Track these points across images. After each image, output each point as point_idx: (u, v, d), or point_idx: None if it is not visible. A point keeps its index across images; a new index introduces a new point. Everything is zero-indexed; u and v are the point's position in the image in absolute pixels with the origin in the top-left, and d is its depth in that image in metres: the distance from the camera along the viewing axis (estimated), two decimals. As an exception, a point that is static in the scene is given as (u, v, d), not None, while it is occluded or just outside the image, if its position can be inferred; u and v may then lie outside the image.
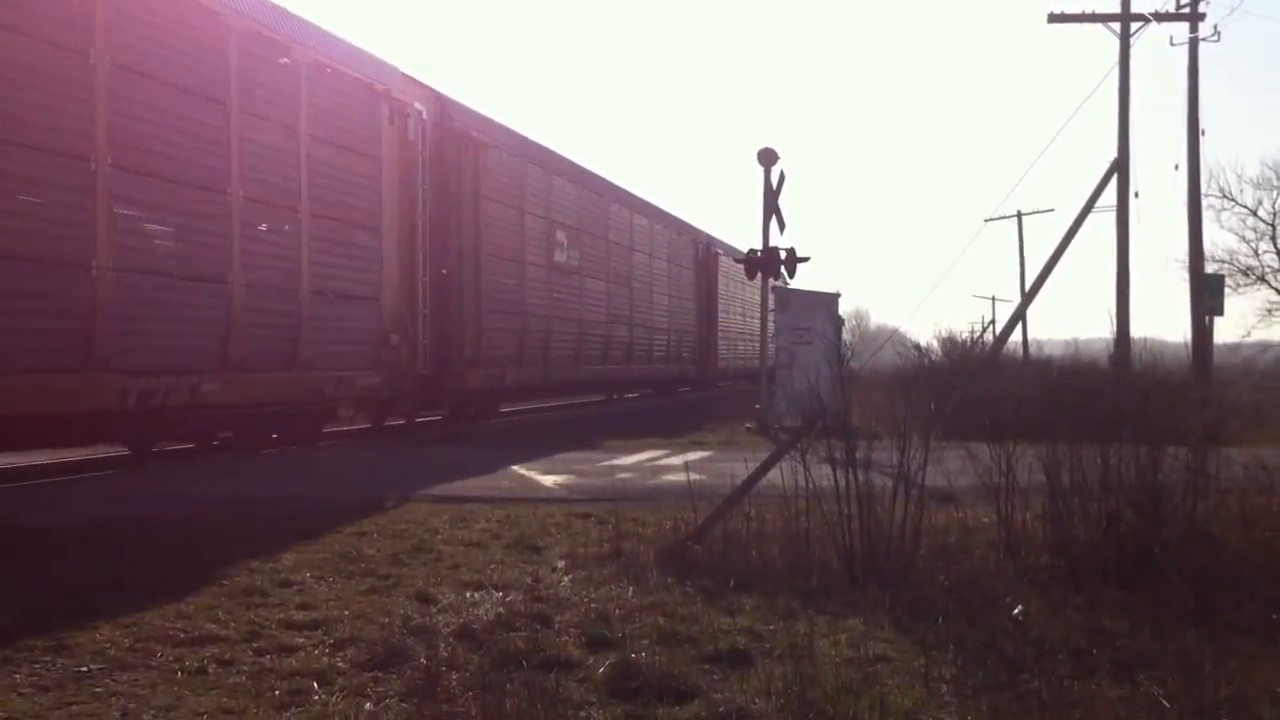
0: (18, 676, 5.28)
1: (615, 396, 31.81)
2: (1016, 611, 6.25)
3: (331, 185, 16.16)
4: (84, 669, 5.40)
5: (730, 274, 38.68)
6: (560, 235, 24.28)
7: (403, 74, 18.54)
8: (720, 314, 39.92)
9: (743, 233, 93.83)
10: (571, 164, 26.14)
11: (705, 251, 39.22)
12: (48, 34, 11.38)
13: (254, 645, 5.79)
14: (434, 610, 6.49)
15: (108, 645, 5.73)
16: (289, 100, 15.25)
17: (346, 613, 6.42)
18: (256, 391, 14.56)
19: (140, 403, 12.56)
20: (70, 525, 9.05)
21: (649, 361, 31.34)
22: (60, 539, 8.46)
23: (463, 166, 19.95)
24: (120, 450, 14.35)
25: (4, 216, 10.89)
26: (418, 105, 18.67)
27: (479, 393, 21.08)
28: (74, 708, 4.90)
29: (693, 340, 37.57)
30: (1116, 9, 29.13)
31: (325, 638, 5.94)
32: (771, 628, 6.19)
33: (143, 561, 7.67)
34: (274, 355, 14.87)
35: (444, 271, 19.33)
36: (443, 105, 19.78)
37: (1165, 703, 4.80)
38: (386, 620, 6.22)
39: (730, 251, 37.35)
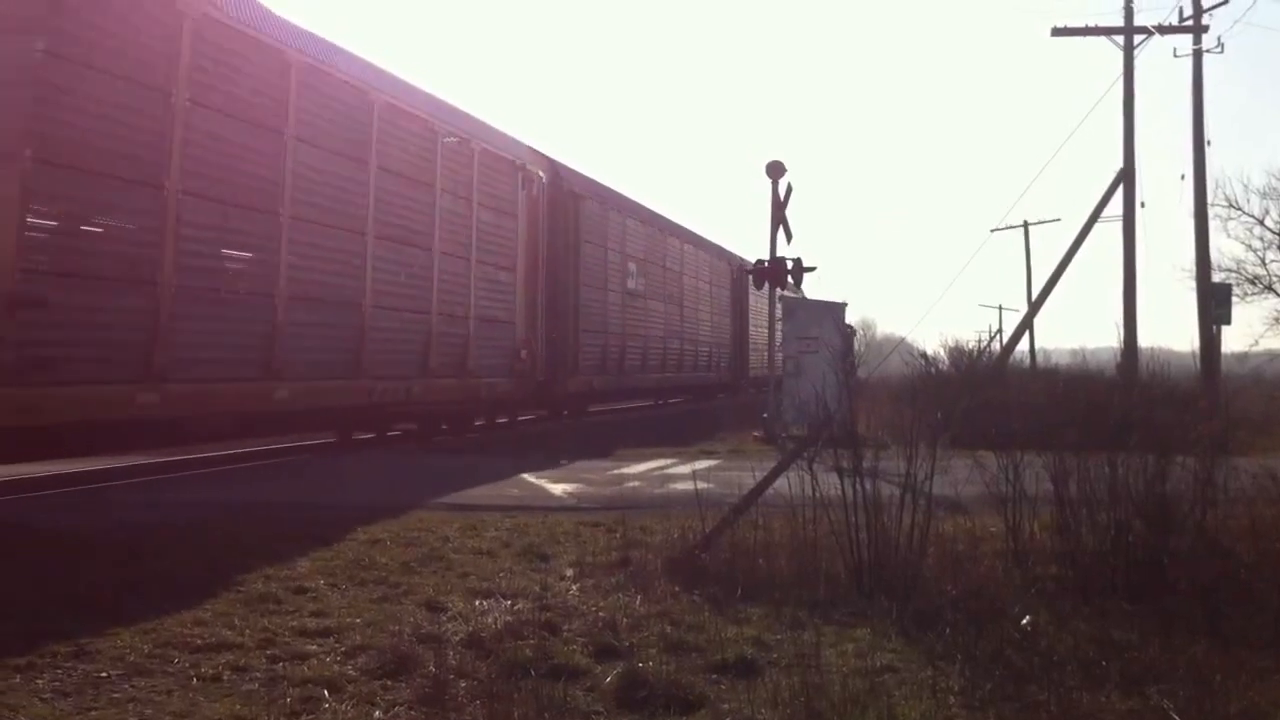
0: (39, 682, 5.34)
1: (662, 401, 35.47)
2: (1024, 622, 6.28)
3: (489, 238, 21.12)
4: (104, 674, 5.46)
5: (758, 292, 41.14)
6: (631, 265, 29.07)
7: (530, 148, 23.46)
8: (751, 328, 41.94)
9: (749, 240, 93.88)
10: (640, 206, 31.15)
11: (738, 272, 41.07)
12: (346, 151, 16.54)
13: (268, 652, 5.84)
14: (443, 618, 6.54)
15: (127, 651, 5.79)
16: (467, 179, 20.32)
17: (358, 620, 6.47)
18: (441, 393, 19.20)
19: (379, 399, 17.18)
20: (96, 531, 9.10)
21: (694, 370, 35.27)
22: (87, 544, 8.51)
23: (567, 216, 24.51)
24: (150, 458, 14.51)
25: (336, 289, 16.10)
26: (540, 172, 23.55)
27: (576, 396, 25.71)
28: (93, 713, 4.96)
29: (728, 351, 40.77)
30: (1120, 22, 29.17)
31: (337, 645, 5.99)
32: (779, 637, 6.21)
33: (164, 567, 7.72)
34: (452, 366, 19.62)
35: (555, 298, 23.99)
36: (554, 168, 24.42)
37: (1175, 716, 4.82)
38: (397, 628, 6.26)
39: (758, 271, 40.68)
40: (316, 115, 15.41)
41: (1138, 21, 29.23)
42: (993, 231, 54.11)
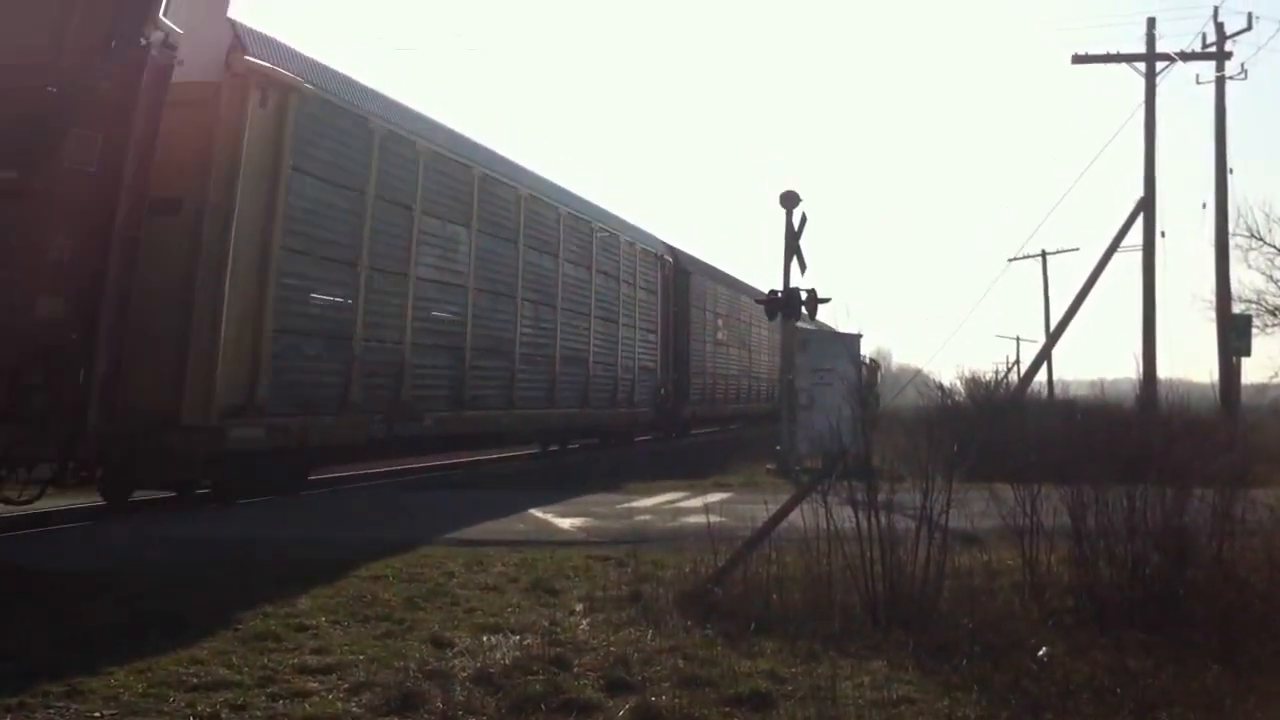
0: (31, 721, 5.23)
1: (735, 426, 41.18)
2: (1041, 653, 6.21)
3: (638, 309, 28.61)
4: (97, 714, 5.36)
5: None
6: (719, 321, 36.78)
7: (661, 240, 31.86)
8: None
9: (762, 270, 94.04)
10: (723, 272, 38.93)
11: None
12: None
13: (268, 690, 5.73)
14: (450, 654, 6.43)
15: (121, 690, 5.69)
16: (626, 268, 27.80)
17: (361, 657, 6.36)
18: (597, 420, 26.10)
19: (557, 423, 23.70)
20: (91, 568, 9.02)
21: (755, 400, 41.10)
22: (81, 582, 8.42)
23: (680, 287, 32.50)
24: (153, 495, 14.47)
25: (542, 348, 22.50)
26: (667, 256, 31.67)
27: (688, 420, 33.85)
28: (85, 755, 4.87)
29: (776, 383, 44.49)
30: (1141, 48, 28.91)
31: (340, 682, 5.89)
32: (793, 670, 6.11)
33: (160, 605, 7.60)
34: (608, 401, 26.47)
35: (675, 350, 31.81)
36: (674, 251, 32.67)
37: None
38: (402, 664, 6.15)
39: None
40: (500, 215, 20.55)
41: (1160, 48, 28.95)
42: (1010, 261, 53.98)
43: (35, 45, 10.69)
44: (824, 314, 23.26)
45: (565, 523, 12.54)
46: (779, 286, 22.02)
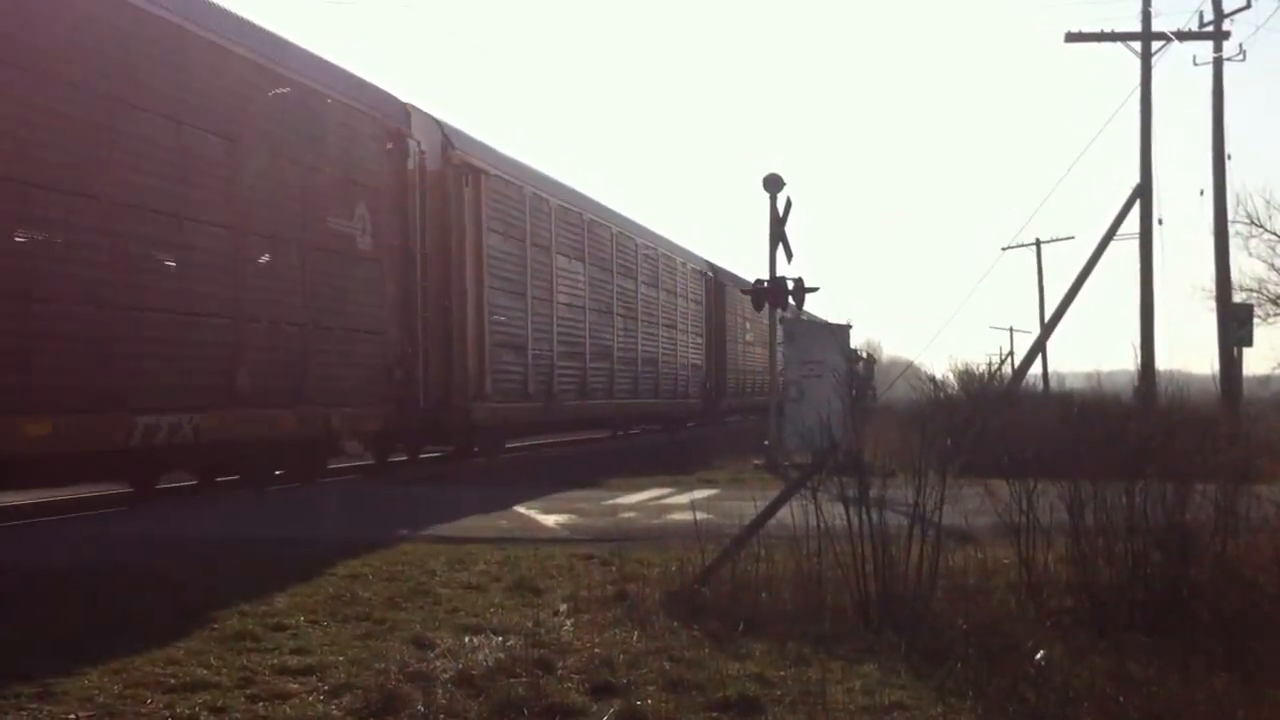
0: (2, 724, 5.08)
1: (748, 417, 44.14)
2: (1039, 656, 6.07)
3: (689, 318, 35.37)
4: (71, 716, 5.23)
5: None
6: (747, 324, 41.53)
7: (704, 259, 38.63)
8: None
9: (751, 261, 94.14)
10: (750, 282, 46.80)
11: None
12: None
13: (246, 692, 5.60)
14: (431, 655, 6.28)
15: (96, 692, 5.56)
16: (681, 285, 34.28)
17: (341, 658, 6.22)
18: (662, 409, 32.16)
19: (636, 411, 29.40)
20: (61, 567, 8.89)
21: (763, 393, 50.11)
22: (51, 582, 8.29)
23: (717, 299, 38.90)
24: (120, 489, 14.31)
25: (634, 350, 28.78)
26: (709, 272, 38.17)
27: (724, 410, 39.83)
28: (56, 759, 4.72)
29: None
30: (1137, 27, 28.50)
31: (320, 684, 5.75)
32: (782, 674, 5.97)
33: (134, 605, 7.46)
34: (671, 394, 32.84)
35: (717, 351, 38.56)
36: (714, 267, 39.39)
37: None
38: (382, 666, 6.01)
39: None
40: (600, 250, 26.75)
41: (1155, 27, 28.55)
42: (1004, 250, 53.95)
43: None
44: (813, 305, 23.20)
45: (549, 520, 12.40)
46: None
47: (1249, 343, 28.05)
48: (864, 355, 61.39)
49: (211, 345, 13.75)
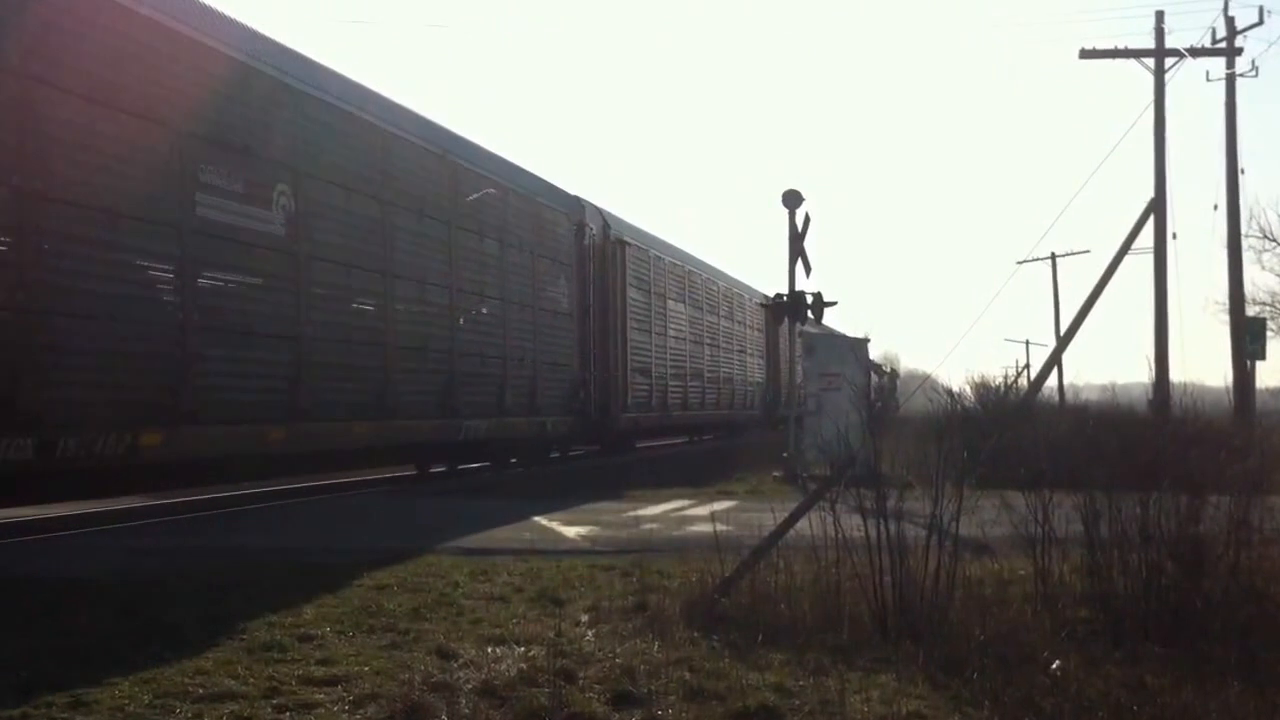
0: (35, 735, 5.17)
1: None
2: (1054, 667, 6.12)
3: (752, 341, 40.50)
4: (102, 727, 5.27)
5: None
6: (799, 342, 49.42)
7: (763, 293, 40.14)
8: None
9: (767, 275, 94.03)
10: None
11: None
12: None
13: (273, 702, 5.67)
14: (455, 666, 6.35)
15: (127, 701, 5.63)
16: (749, 315, 39.85)
17: (366, 669, 6.29)
18: (735, 419, 37.60)
19: (717, 420, 35.98)
20: (95, 577, 8.97)
21: None
22: (84, 591, 8.37)
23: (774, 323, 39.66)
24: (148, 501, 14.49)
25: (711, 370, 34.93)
26: (758, 301, 39.81)
27: (777, 419, 39.47)
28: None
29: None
30: (1150, 44, 28.70)
31: (345, 694, 5.82)
32: (801, 684, 6.02)
33: (165, 615, 7.56)
34: (741, 406, 38.36)
35: (773, 366, 42.74)
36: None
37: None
38: (407, 676, 6.08)
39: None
40: (696, 292, 33.33)
41: (1169, 44, 28.75)
42: (1019, 264, 53.76)
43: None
44: (831, 318, 23.33)
45: (571, 531, 12.47)
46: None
47: (1262, 356, 28.02)
48: (888, 369, 61.33)
49: (494, 378, 20.39)
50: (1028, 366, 52.24)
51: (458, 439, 19.05)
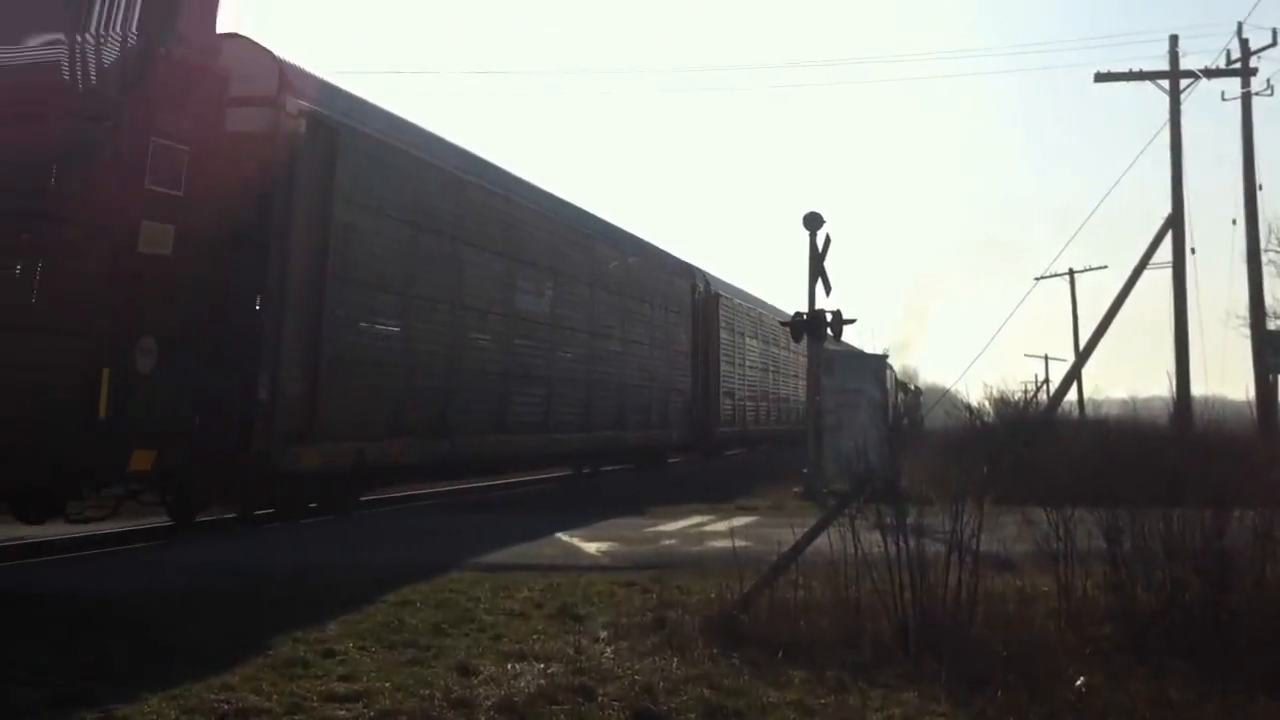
0: (65, 749, 5.21)
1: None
2: (1079, 683, 6.08)
3: (800, 366, 39.21)
4: (131, 742, 5.29)
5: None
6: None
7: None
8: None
9: (786, 293, 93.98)
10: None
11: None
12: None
13: (296, 718, 5.71)
14: (475, 682, 6.35)
15: (154, 717, 5.69)
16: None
17: (388, 684, 6.29)
18: (787, 432, 39.86)
19: (774, 433, 40.11)
20: (124, 593, 9.00)
21: None
22: (113, 607, 8.41)
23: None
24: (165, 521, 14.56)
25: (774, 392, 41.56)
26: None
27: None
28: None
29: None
30: (1165, 65, 28.85)
31: (366, 710, 5.83)
32: (823, 701, 6.00)
33: (191, 631, 7.59)
34: (789, 421, 41.05)
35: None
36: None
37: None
38: (427, 692, 6.09)
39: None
40: (765, 329, 38.43)
41: (1185, 64, 28.89)
42: (1037, 280, 53.44)
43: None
44: (849, 333, 23.29)
45: (591, 547, 12.44)
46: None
47: (1284, 369, 27.84)
48: (911, 386, 61.14)
49: (644, 403, 27.54)
50: (1046, 381, 51.94)
51: (623, 445, 26.70)
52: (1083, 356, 31.28)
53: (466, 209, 18.98)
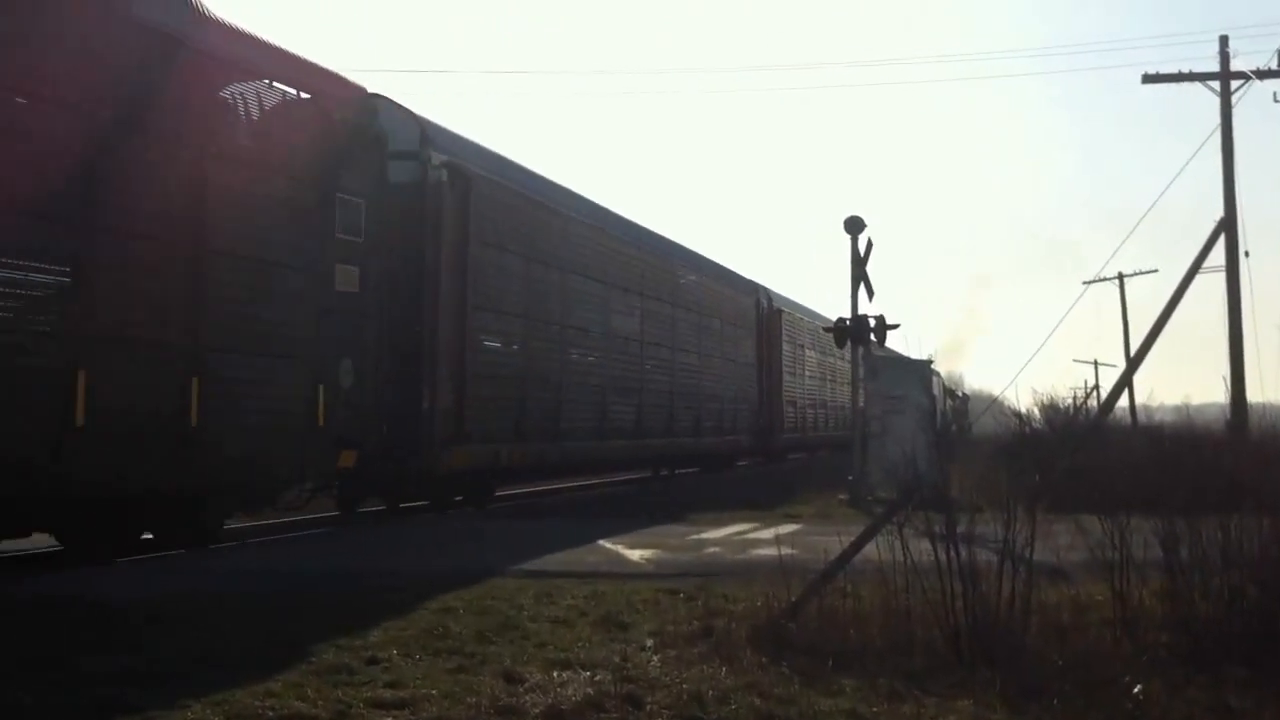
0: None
1: None
2: (1136, 691, 5.99)
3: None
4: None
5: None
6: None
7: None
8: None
9: (824, 297, 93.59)
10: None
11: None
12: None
13: (342, 725, 5.63)
14: (521, 690, 6.30)
15: (196, 723, 5.64)
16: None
17: (434, 691, 6.25)
18: (835, 438, 41.53)
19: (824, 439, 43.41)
20: (161, 599, 9.03)
21: None
22: (156, 613, 8.42)
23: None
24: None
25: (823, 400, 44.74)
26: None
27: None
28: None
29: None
30: (1215, 67, 28.53)
31: (413, 717, 5.81)
32: (876, 709, 5.91)
33: (233, 637, 7.60)
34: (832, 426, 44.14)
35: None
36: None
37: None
38: (474, 700, 6.05)
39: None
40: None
41: (1235, 66, 28.56)
42: (1086, 284, 52.94)
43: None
44: (892, 339, 23.09)
45: (634, 554, 12.39)
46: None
47: (1343, 372, 27.50)
48: (960, 393, 60.72)
49: (718, 411, 31.02)
50: (1096, 388, 51.46)
51: (701, 450, 30.21)
52: (1134, 362, 30.88)
53: (568, 241, 22.14)
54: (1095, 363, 66.22)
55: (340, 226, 14.87)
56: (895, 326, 21.58)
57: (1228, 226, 27.81)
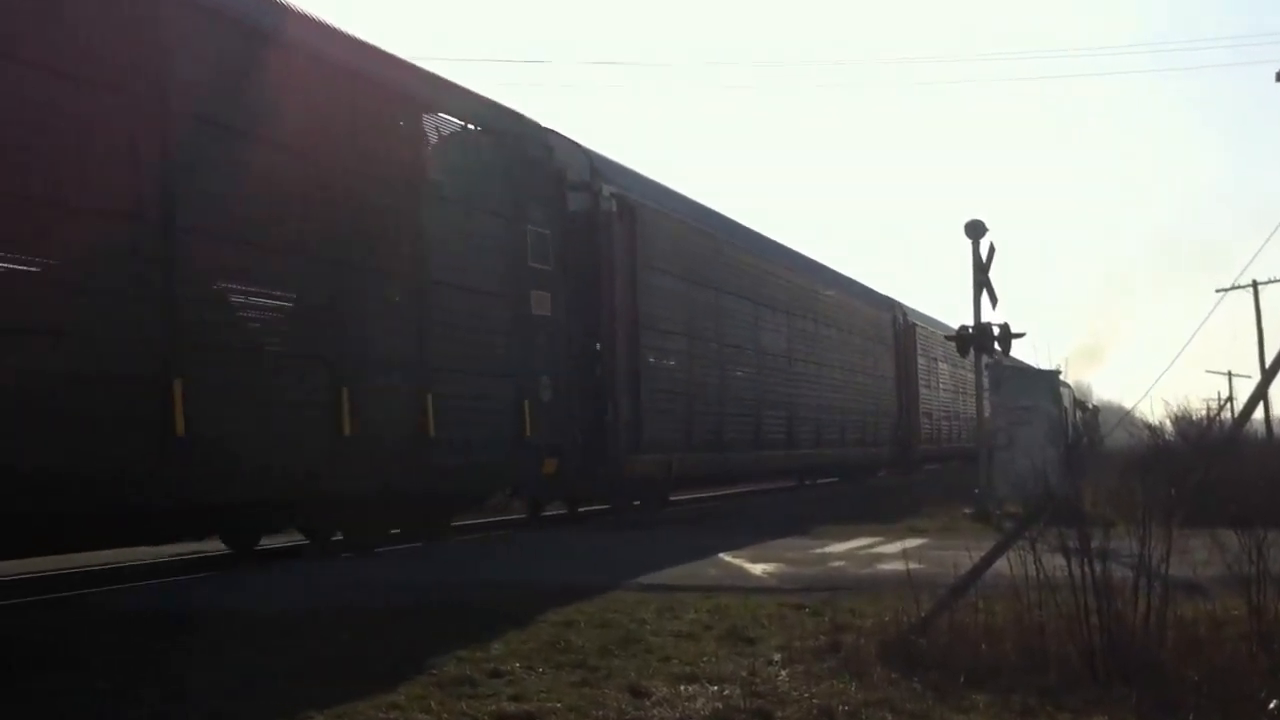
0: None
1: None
2: (1272, 706, 5.84)
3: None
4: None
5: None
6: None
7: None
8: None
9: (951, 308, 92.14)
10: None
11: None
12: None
13: (468, 738, 5.68)
14: (648, 704, 6.29)
15: (320, 737, 5.72)
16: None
17: (559, 704, 6.27)
18: (960, 448, 42.50)
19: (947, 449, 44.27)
20: (279, 612, 9.22)
21: None
22: (273, 625, 8.61)
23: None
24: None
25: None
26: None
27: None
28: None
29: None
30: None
31: (540, 730, 5.79)
32: (1009, 725, 5.80)
33: (354, 647, 7.72)
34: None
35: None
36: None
37: None
38: (601, 713, 6.06)
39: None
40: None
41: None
42: (1220, 292, 51.42)
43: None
44: (1018, 349, 22.64)
45: (757, 568, 12.32)
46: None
47: None
48: (1090, 404, 59.38)
49: (862, 423, 33.32)
50: (1231, 399, 49.86)
51: (845, 460, 32.32)
52: (1269, 373, 29.89)
53: (720, 262, 24.05)
54: (1229, 374, 64.28)
55: (532, 255, 16.84)
56: (1020, 335, 21.14)
57: (1370, 229, 26.79)
